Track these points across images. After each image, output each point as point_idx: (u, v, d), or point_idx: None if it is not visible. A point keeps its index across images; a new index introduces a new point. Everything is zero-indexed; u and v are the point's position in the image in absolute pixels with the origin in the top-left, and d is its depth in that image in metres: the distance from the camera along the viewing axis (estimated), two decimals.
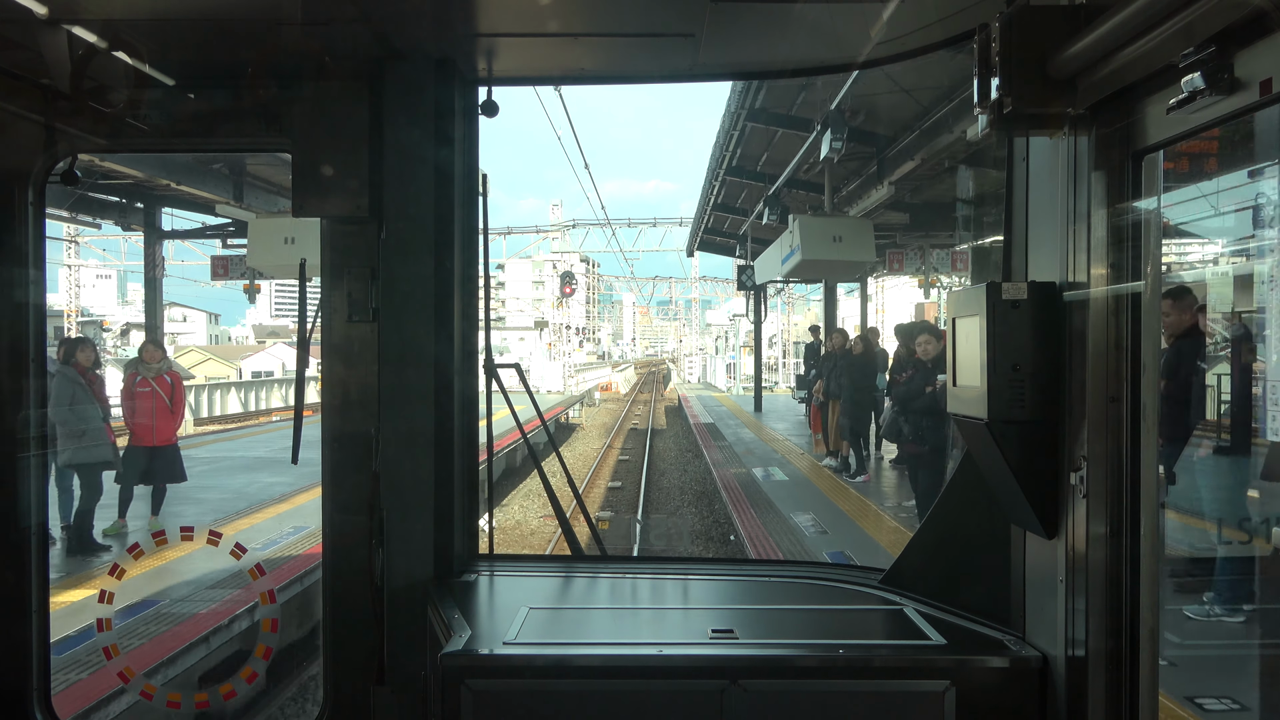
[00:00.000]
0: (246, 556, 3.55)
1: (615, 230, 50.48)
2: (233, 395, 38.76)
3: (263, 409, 39.34)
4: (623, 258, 55.02)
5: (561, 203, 55.02)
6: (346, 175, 3.13)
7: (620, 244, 52.86)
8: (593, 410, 45.11)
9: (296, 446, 3.39)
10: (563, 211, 54.08)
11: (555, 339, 51.93)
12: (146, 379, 10.93)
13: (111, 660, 3.38)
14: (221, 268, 22.53)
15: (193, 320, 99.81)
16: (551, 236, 53.69)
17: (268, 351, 62.57)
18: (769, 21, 3.09)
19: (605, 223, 48.47)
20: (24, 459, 3.34)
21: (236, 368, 55.24)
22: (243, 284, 22.84)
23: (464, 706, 2.61)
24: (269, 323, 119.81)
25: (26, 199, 3.32)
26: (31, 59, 3.19)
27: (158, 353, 11.42)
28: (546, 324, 52.80)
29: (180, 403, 11.52)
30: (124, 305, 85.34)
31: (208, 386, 37.77)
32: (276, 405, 40.37)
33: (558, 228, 53.26)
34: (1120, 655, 2.38)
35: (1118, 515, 2.36)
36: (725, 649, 2.76)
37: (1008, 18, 2.25)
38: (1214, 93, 1.85)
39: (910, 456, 11.41)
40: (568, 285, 47.92)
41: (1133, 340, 2.33)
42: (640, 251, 53.83)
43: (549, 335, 52.19)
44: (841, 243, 15.56)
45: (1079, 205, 2.39)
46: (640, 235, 52.09)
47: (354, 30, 3.04)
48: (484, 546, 3.69)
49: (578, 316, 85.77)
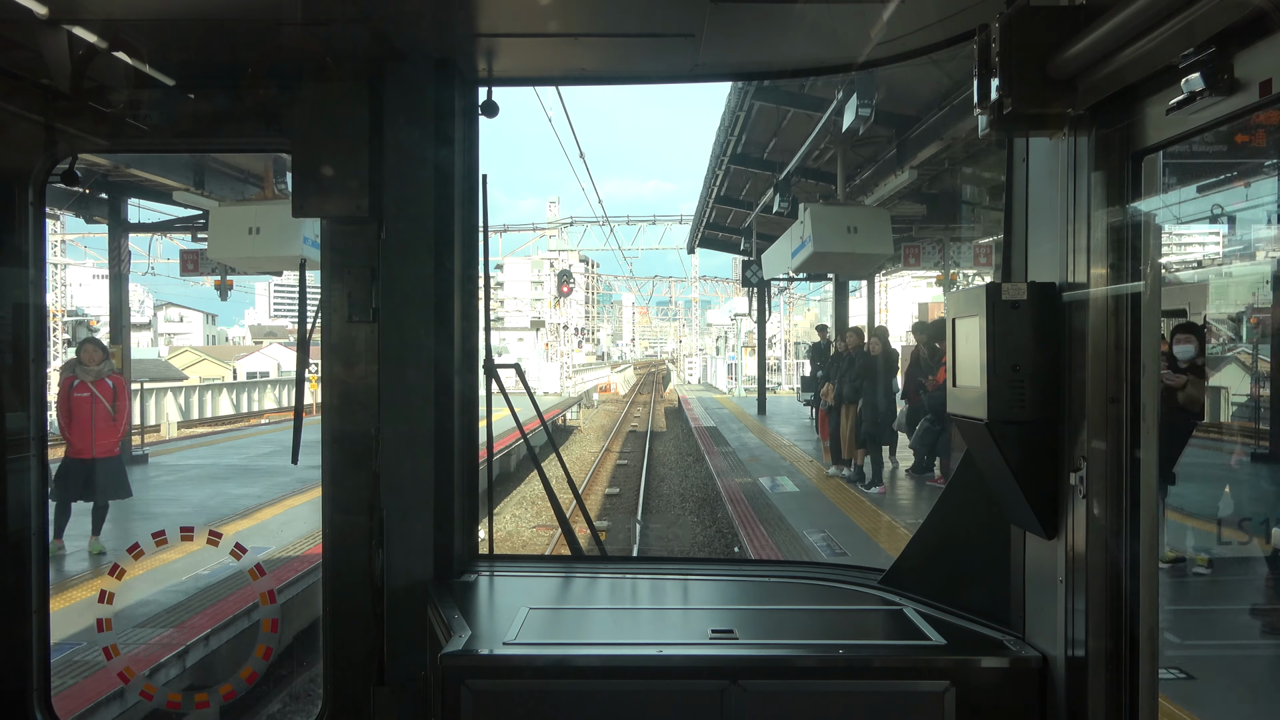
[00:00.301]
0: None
1: (614, 228, 49.35)
2: (224, 397, 38.14)
3: (255, 410, 38.76)
4: (621, 256, 53.62)
5: (559, 200, 53.09)
6: (346, 175, 3.13)
7: (619, 242, 51.61)
8: (591, 412, 44.61)
9: (296, 447, 3.39)
10: (560, 209, 52.48)
11: (552, 339, 50.91)
12: (85, 383, 9.91)
13: (112, 660, 3.38)
14: (191, 262, 20.38)
15: (189, 320, 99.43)
16: (549, 234, 52.02)
17: (263, 352, 61.71)
18: (769, 21, 3.09)
19: (603, 220, 47.16)
20: (24, 459, 3.34)
21: (231, 368, 54.62)
22: (213, 280, 21.11)
23: (464, 707, 2.61)
24: (266, 323, 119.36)
25: (27, 199, 3.32)
26: (31, 59, 3.19)
27: (97, 353, 10.20)
28: (543, 323, 51.57)
29: (124, 410, 10.51)
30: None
31: (198, 388, 37.12)
32: (270, 407, 39.70)
33: (555, 225, 51.58)
34: (1120, 655, 2.38)
35: (1118, 515, 2.36)
36: (725, 649, 2.76)
37: (1008, 18, 2.25)
38: (1214, 93, 1.85)
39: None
40: (565, 284, 46.55)
41: (1133, 340, 2.33)
42: (639, 250, 52.48)
43: (546, 335, 51.17)
44: (856, 234, 14.35)
45: (1079, 205, 2.39)
46: (640, 233, 50.88)
47: (354, 30, 3.04)
48: (484, 547, 3.69)
49: (576, 316, 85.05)
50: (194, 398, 34.91)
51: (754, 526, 12.48)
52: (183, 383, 39.10)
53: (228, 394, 38.56)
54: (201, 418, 33.51)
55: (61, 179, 3.49)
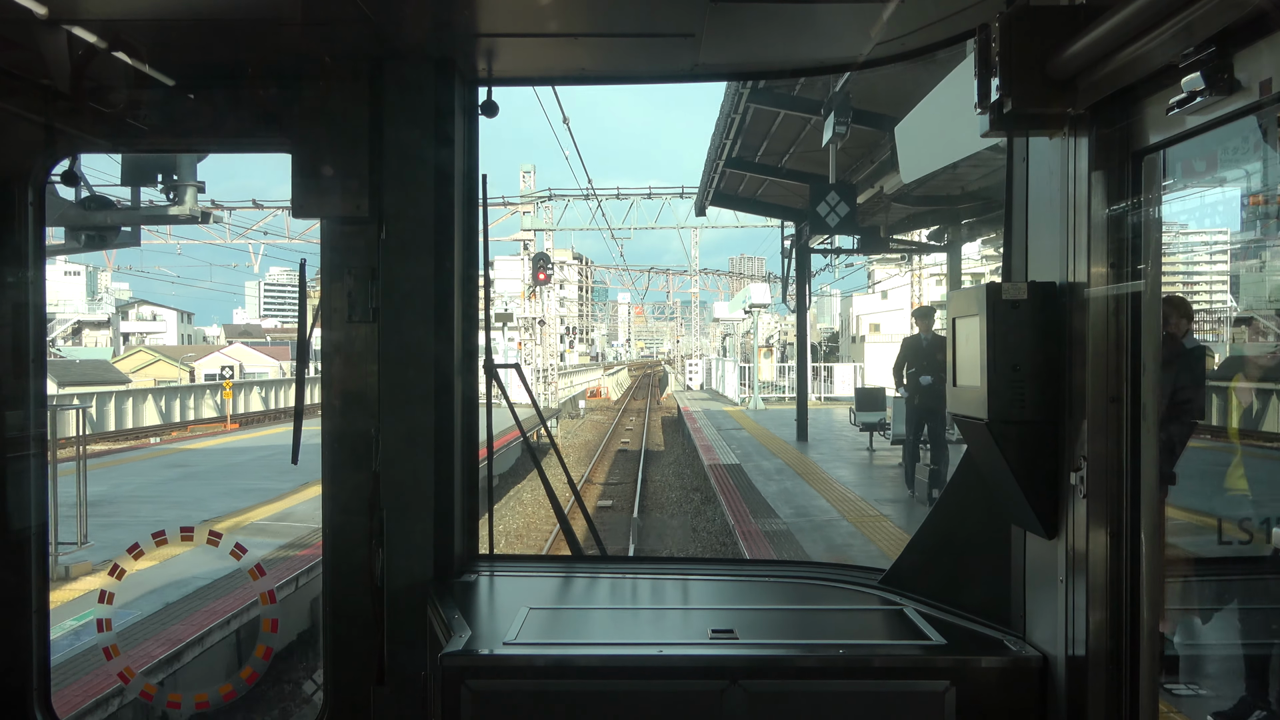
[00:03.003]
0: (246, 557, 3.55)
1: (601, 202, 39.08)
2: (149, 404, 33.35)
3: (192, 419, 34.41)
4: (611, 235, 42.66)
5: (534, 169, 40.47)
6: (346, 175, 3.13)
7: (607, 220, 40.16)
8: (575, 423, 39.40)
9: (296, 446, 3.40)
10: (536, 180, 40.69)
11: (527, 337, 41.64)
12: None
13: (111, 660, 3.38)
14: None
15: (163, 319, 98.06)
16: (521, 210, 40.37)
17: (223, 352, 58.19)
18: (769, 21, 3.09)
19: (590, 193, 38.14)
20: (24, 459, 3.34)
21: (189, 369, 50.56)
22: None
23: (464, 707, 2.61)
24: (239, 322, 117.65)
25: (26, 199, 3.32)
26: (31, 59, 3.19)
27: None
28: (510, 317, 41.37)
29: None
30: (94, 303, 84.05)
31: (114, 395, 32.18)
32: (208, 416, 35.29)
33: (529, 199, 40.30)
34: (1120, 655, 2.38)
35: (1118, 515, 2.36)
36: (725, 649, 2.76)
37: (1008, 18, 2.25)
38: (1214, 93, 1.85)
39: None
40: (541, 270, 38.03)
41: (1133, 340, 2.34)
42: (631, 229, 41.48)
43: (518, 332, 41.75)
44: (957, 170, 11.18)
45: (1079, 205, 2.40)
46: (632, 209, 40.63)
47: (354, 30, 3.04)
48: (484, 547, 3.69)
49: (570, 315, 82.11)
50: (109, 406, 30.60)
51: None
52: (102, 388, 33.74)
53: (154, 401, 33.96)
54: (103, 431, 28.07)
55: (62, 179, 3.49)
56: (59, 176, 3.48)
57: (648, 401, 53.97)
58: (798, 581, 3.55)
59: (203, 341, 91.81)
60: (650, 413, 45.49)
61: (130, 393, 34.32)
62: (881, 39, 3.12)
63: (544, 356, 43.28)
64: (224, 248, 43.53)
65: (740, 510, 13.78)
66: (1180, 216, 6.39)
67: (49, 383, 3.53)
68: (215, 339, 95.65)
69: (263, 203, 40.77)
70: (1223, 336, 16.03)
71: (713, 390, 50.85)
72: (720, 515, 14.70)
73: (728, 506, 14.33)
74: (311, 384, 4.73)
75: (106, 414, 30.48)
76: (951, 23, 2.92)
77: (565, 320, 69.80)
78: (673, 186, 36.70)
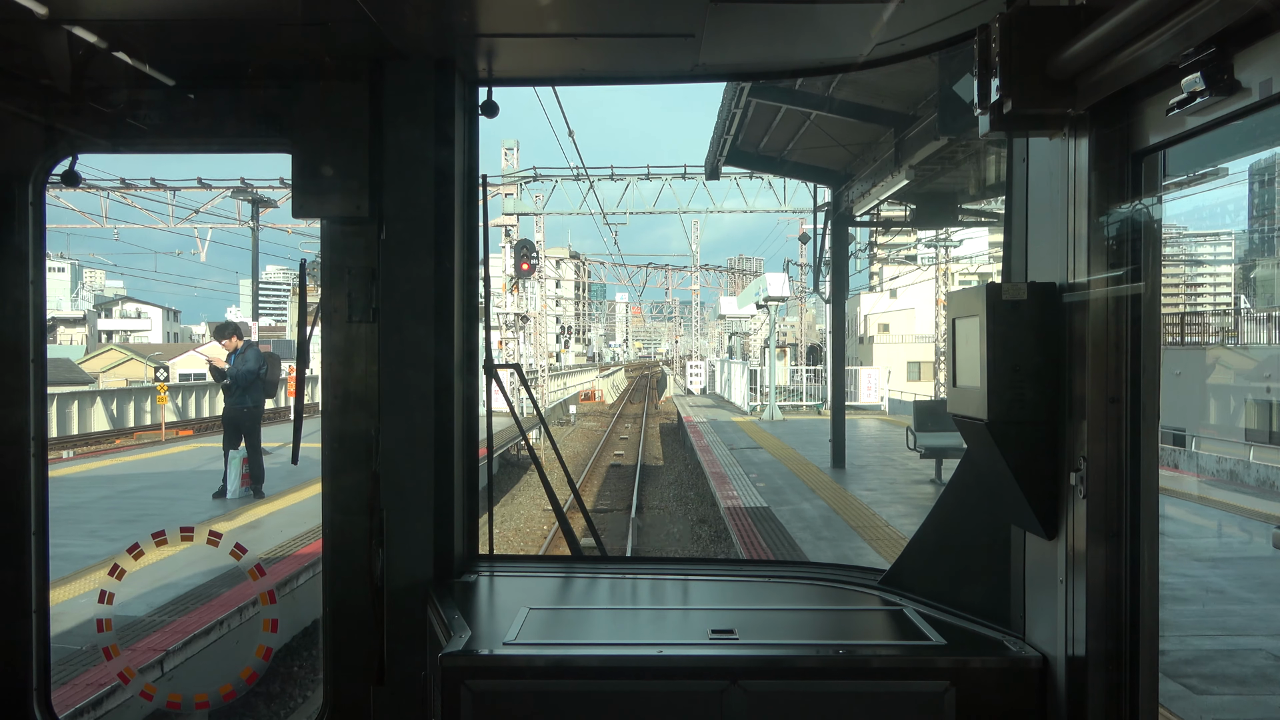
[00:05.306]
0: (246, 556, 3.55)
1: (594, 182, 33.76)
2: (98, 407, 30.39)
3: (146, 424, 31.18)
4: (604, 219, 36.70)
5: (517, 144, 35.62)
6: (346, 175, 3.13)
7: (600, 204, 34.58)
8: (565, 431, 36.74)
9: (296, 446, 3.40)
10: (519, 158, 35.70)
11: (510, 335, 36.39)
12: None
13: (111, 660, 3.38)
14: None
15: (148, 317, 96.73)
16: (504, 193, 35.07)
17: (197, 350, 54.79)
18: (769, 21, 3.09)
19: (581, 174, 33.43)
20: (24, 459, 3.34)
21: (164, 368, 47.18)
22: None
23: (464, 707, 2.61)
24: (232, 320, 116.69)
25: (26, 199, 3.32)
26: (31, 59, 3.19)
27: None
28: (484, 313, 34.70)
29: None
30: (77, 300, 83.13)
31: (57, 398, 28.61)
32: (170, 420, 31.77)
33: (511, 179, 35.11)
34: (1120, 655, 2.38)
35: (1118, 515, 2.37)
36: (725, 649, 2.76)
37: (1008, 18, 2.26)
38: (1214, 94, 1.85)
39: None
40: (525, 260, 33.18)
41: (1133, 340, 2.34)
42: (627, 214, 35.57)
43: (501, 330, 35.92)
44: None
45: (1079, 205, 2.40)
46: (628, 190, 34.60)
47: (354, 30, 3.04)
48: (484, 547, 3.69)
49: (566, 314, 79.98)
50: (50, 409, 24.72)
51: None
52: (54, 389, 29.14)
53: (102, 404, 30.79)
54: (56, 437, 25.52)
55: (62, 179, 3.49)
56: (59, 176, 3.47)
57: (645, 405, 52.05)
58: (798, 582, 3.55)
59: (189, 340, 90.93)
60: (648, 418, 43.02)
61: (76, 395, 31.08)
62: (882, 39, 3.12)
63: (535, 356, 39.59)
64: (167, 233, 35.84)
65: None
66: (1180, 218, 6.42)
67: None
68: (201, 337, 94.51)
69: (209, 181, 33.69)
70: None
71: (717, 395, 45.56)
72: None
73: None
74: (283, 384, 4.72)
75: (47, 418, 28.65)
76: (951, 23, 2.92)
77: (561, 320, 68.34)
78: (674, 166, 33.17)
